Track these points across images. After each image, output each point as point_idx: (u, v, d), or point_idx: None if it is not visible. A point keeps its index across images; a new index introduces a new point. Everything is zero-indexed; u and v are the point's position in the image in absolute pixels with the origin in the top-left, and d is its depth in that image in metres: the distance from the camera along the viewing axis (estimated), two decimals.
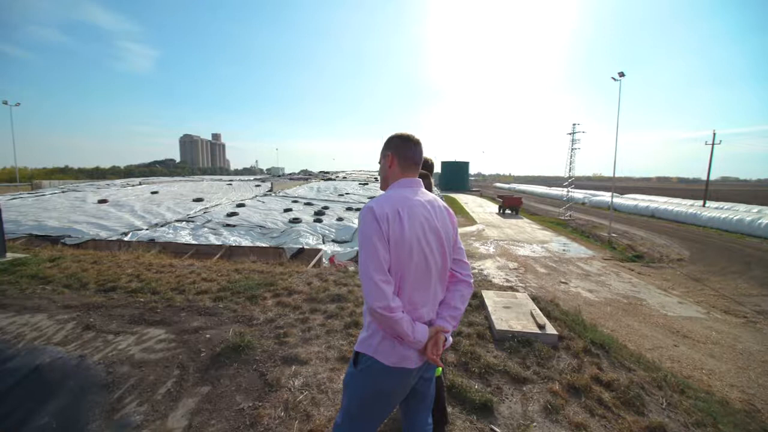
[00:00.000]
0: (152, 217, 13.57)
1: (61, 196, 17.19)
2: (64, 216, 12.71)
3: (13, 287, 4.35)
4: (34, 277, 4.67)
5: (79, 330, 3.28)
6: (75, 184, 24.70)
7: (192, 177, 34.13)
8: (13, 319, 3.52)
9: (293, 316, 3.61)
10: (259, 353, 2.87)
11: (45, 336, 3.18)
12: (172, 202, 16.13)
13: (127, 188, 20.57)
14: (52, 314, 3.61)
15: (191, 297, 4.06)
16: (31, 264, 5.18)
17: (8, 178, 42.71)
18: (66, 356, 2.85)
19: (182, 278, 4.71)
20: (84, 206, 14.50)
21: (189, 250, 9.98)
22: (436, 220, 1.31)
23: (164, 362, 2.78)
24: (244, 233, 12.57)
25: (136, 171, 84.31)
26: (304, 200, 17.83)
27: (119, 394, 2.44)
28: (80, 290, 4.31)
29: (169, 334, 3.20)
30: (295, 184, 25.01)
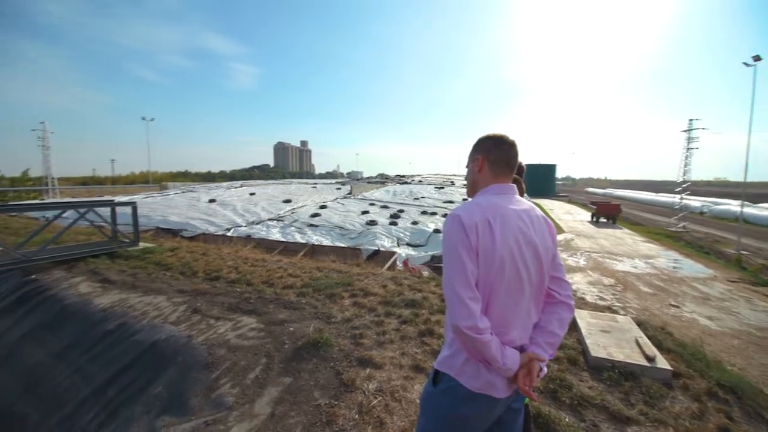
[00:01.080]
0: (250, 215, 15.22)
1: (181, 196, 20.35)
2: (182, 213, 14.99)
3: (142, 271, 5.23)
4: (158, 264, 5.55)
5: (188, 313, 3.78)
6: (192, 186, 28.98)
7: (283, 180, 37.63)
8: (141, 299, 4.22)
9: (368, 318, 3.66)
10: (336, 351, 2.96)
11: (163, 315, 3.74)
12: (266, 202, 17.92)
13: (231, 190, 23.43)
14: (169, 297, 4.23)
15: (278, 291, 4.39)
16: (157, 252, 6.17)
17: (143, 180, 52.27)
18: (178, 335, 3.30)
19: (272, 272, 5.14)
20: (198, 205, 16.92)
21: (278, 246, 10.93)
22: (533, 232, 1.16)
23: (254, 350, 3.03)
24: (325, 233, 13.34)
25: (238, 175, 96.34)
26: (380, 203, 18.26)
27: (216, 375, 2.72)
28: (191, 277, 4.98)
29: (259, 323, 3.49)
30: (373, 187, 25.77)
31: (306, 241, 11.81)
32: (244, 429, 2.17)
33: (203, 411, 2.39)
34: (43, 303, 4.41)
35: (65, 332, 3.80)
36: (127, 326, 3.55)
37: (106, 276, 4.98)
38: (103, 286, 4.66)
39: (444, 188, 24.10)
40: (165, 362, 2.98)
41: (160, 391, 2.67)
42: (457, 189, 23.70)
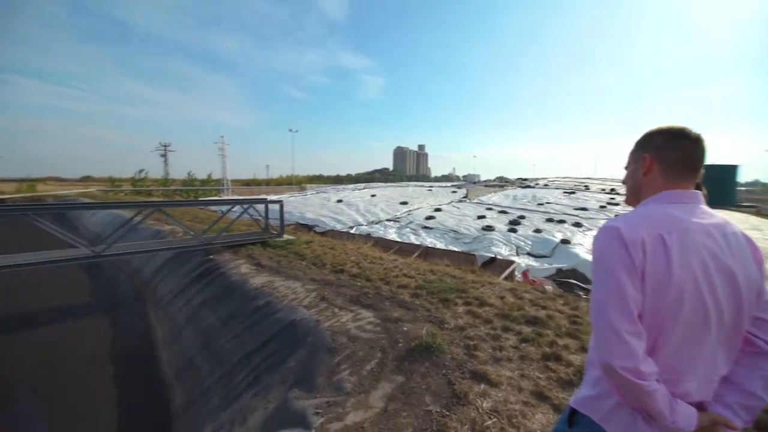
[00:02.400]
0: (370, 215, 16.34)
1: (315, 196, 23.22)
2: (316, 211, 17.08)
3: (284, 259, 6.13)
4: (296, 254, 6.43)
5: (317, 299, 4.25)
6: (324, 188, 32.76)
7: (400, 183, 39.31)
8: (283, 283, 4.93)
9: (483, 330, 3.45)
10: (448, 359, 2.88)
11: (298, 299, 4.29)
12: (384, 204, 18.98)
13: (355, 191, 25.58)
14: (304, 284, 4.84)
15: (394, 289, 4.55)
16: (296, 244, 7.15)
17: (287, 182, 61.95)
18: (309, 318, 3.73)
19: (389, 271, 5.37)
20: (328, 204, 19.04)
21: (394, 246, 11.41)
22: (729, 256, 0.87)
23: (371, 343, 3.20)
24: (439, 236, 13.32)
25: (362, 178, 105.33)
26: (498, 208, 17.23)
27: (338, 360, 2.97)
28: (321, 268, 5.60)
29: (376, 318, 3.68)
30: (490, 191, 24.55)
31: (420, 243, 11.98)
32: (359, 417, 2.29)
33: (325, 391, 2.63)
34: (217, 278, 5.60)
35: (229, 304, 4.74)
36: (272, 305, 4.21)
37: (259, 261, 6.02)
38: (257, 269, 5.65)
39: (575, 193, 21.26)
40: (298, 341, 3.41)
41: (293, 366, 3.07)
42: (592, 194, 20.62)
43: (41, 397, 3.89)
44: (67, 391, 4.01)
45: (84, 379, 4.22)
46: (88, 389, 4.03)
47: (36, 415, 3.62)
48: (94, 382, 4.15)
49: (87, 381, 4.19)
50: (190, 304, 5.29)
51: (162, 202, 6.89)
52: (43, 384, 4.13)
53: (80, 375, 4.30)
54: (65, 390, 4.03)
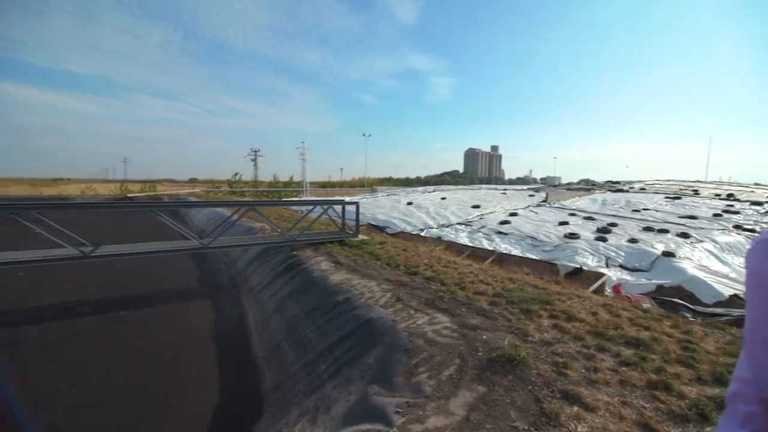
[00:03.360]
0: (440, 218, 16.15)
1: (386, 198, 23.71)
2: (387, 212, 17.43)
3: (360, 259, 6.36)
4: (371, 254, 6.63)
5: (393, 300, 4.33)
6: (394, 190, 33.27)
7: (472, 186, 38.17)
8: (360, 281, 5.12)
9: (574, 347, 3.17)
10: (534, 375, 2.70)
11: (374, 298, 4.42)
12: (455, 207, 18.60)
13: (425, 194, 25.50)
14: (379, 283, 4.97)
15: (470, 295, 4.43)
16: (370, 244, 7.38)
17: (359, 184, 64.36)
18: (385, 317, 3.82)
19: (464, 276, 5.25)
20: (398, 206, 19.29)
21: (466, 250, 11.10)
22: None
23: (448, 348, 3.15)
24: (514, 242, 12.61)
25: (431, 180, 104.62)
26: (583, 214, 15.71)
27: (415, 362, 2.98)
28: (395, 269, 5.70)
29: (452, 323, 3.62)
30: (573, 194, 22.48)
31: (493, 249, 11.47)
32: (440, 422, 2.27)
33: (404, 391, 2.66)
34: (300, 273, 6.04)
35: (312, 297, 5.08)
36: (350, 301, 4.40)
37: (337, 259, 6.35)
38: (335, 266, 5.97)
39: (680, 198, 18.44)
40: (375, 338, 3.51)
41: (372, 362, 3.16)
42: (703, 200, 17.70)
43: (162, 366, 4.60)
44: (180, 361, 4.68)
45: (192, 353, 4.89)
46: (196, 362, 4.66)
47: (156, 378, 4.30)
48: (201, 356, 4.78)
49: (195, 354, 4.85)
50: (278, 295, 5.79)
51: (256, 202, 7.68)
52: (164, 354, 4.88)
53: (190, 349, 4.99)
54: (178, 361, 4.71)
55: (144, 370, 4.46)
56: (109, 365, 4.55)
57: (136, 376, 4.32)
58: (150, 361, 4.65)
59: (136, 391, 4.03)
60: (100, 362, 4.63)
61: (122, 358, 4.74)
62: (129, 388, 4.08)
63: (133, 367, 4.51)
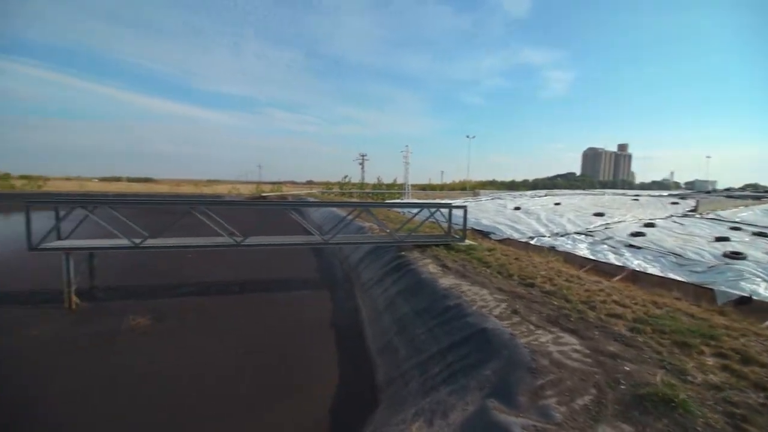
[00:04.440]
0: (554, 226, 14.66)
1: (490, 202, 22.66)
2: (491, 217, 16.62)
3: (469, 264, 6.20)
4: (479, 260, 6.40)
5: (509, 312, 4.08)
6: (498, 194, 31.59)
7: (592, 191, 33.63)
8: (470, 288, 4.98)
9: (755, 397, 2.49)
10: (700, 424, 2.21)
11: (488, 307, 4.24)
12: (572, 214, 16.64)
13: (535, 198, 23.55)
14: (491, 292, 4.76)
15: (603, 317, 3.89)
16: (478, 250, 7.13)
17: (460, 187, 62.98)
18: (502, 329, 3.63)
19: (591, 294, 4.64)
20: (504, 211, 18.22)
21: (586, 264, 9.81)
22: None
23: (580, 374, 2.82)
24: (651, 258, 10.62)
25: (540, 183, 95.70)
26: (752, 228, 12.37)
27: (541, 383, 2.74)
28: (507, 279, 5.38)
29: (582, 347, 3.23)
30: (735, 204, 17.88)
31: (623, 264, 9.88)
32: None
33: (530, 413, 2.47)
34: (408, 273, 6.19)
35: (421, 298, 5.15)
36: (461, 308, 4.32)
37: (444, 263, 6.32)
38: (443, 270, 5.94)
39: None
40: (492, 350, 3.36)
41: (489, 375, 3.03)
42: None
43: (291, 345, 5.25)
44: (306, 344, 5.27)
45: (315, 337, 5.46)
46: (318, 346, 5.18)
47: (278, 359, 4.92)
48: (322, 341, 5.30)
49: (317, 339, 5.40)
50: (388, 293, 6.05)
51: (371, 204, 8.17)
52: (292, 334, 5.57)
53: (313, 333, 5.59)
54: (304, 343, 5.30)
55: (276, 346, 5.16)
56: (249, 337, 5.41)
57: (270, 351, 5.03)
58: (281, 340, 5.36)
59: (268, 365, 4.68)
60: (244, 333, 5.53)
61: (260, 332, 5.59)
62: (264, 361, 4.77)
63: (268, 342, 5.26)
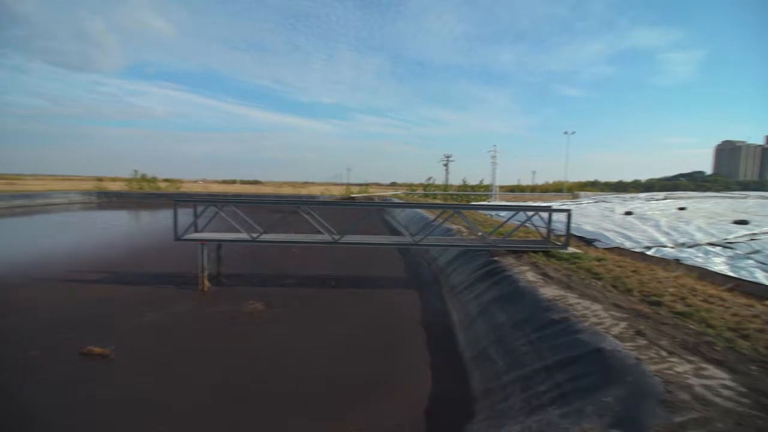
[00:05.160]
0: (678, 234, 12.46)
1: (593, 205, 20.28)
2: (595, 223, 14.84)
3: (575, 275, 5.63)
4: (588, 271, 5.76)
5: (631, 332, 3.58)
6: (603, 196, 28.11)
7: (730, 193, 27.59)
8: (578, 301, 4.52)
9: None
10: None
11: (603, 325, 3.78)
12: (703, 221, 13.94)
13: (651, 202, 20.38)
14: (606, 308, 4.24)
15: (761, 350, 3.16)
16: (585, 259, 6.43)
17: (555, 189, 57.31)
18: (623, 352, 3.20)
19: (742, 319, 3.81)
20: (612, 216, 16.12)
21: (727, 282, 8.11)
22: None
23: (734, 415, 2.33)
24: None
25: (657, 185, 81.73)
26: None
27: (680, 421, 2.34)
28: (625, 294, 4.73)
29: (736, 384, 2.66)
30: None
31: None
32: None
33: None
34: (503, 280, 5.89)
35: (519, 308, 4.85)
36: (570, 322, 3.94)
37: (544, 271, 5.85)
38: (544, 279, 5.51)
39: None
40: (612, 374, 2.99)
41: (611, 402, 2.70)
42: None
43: (384, 341, 5.43)
44: (398, 342, 5.40)
45: (406, 336, 5.56)
46: (410, 346, 5.27)
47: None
48: (413, 341, 5.37)
49: (408, 338, 5.49)
50: (481, 299, 5.85)
51: (459, 206, 8.01)
52: (385, 331, 5.76)
53: (404, 331, 5.70)
54: (394, 342, 5.44)
55: (370, 340, 5.40)
56: (345, 328, 5.77)
57: (364, 344, 5.28)
58: (374, 334, 5.59)
59: (363, 357, 4.91)
60: (340, 325, 5.92)
61: (355, 325, 5.91)
62: (360, 353, 5.03)
63: (362, 335, 5.53)
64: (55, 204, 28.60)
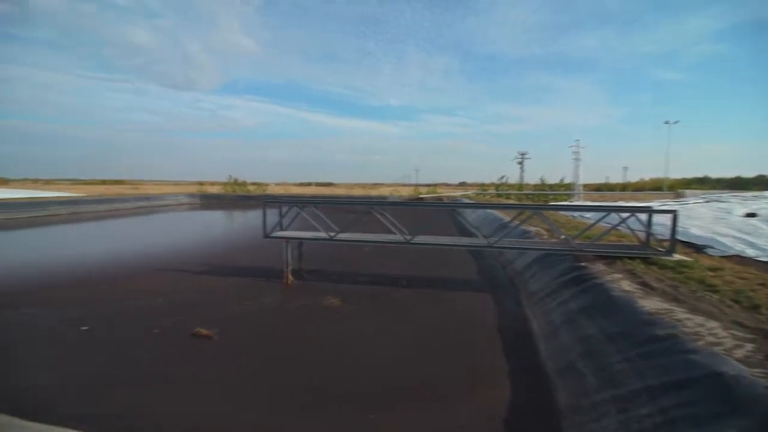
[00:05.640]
0: None
1: (702, 206, 17.38)
2: (706, 226, 12.69)
3: (683, 286, 4.91)
4: (699, 282, 4.98)
5: (760, 356, 3.03)
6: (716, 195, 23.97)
7: None
8: (688, 316, 3.94)
9: None
10: None
11: (723, 346, 3.25)
12: None
13: None
14: (725, 326, 3.63)
15: None
16: (694, 268, 5.57)
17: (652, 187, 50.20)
18: (750, 378, 2.72)
19: None
20: (728, 219, 13.64)
21: None
22: None
23: None
24: None
25: None
26: None
27: None
28: (751, 311, 4.00)
29: None
30: None
31: None
32: None
33: None
34: (593, 288, 5.39)
35: (614, 320, 4.40)
36: (678, 340, 3.46)
37: (644, 280, 5.21)
38: (643, 289, 4.91)
39: None
40: (736, 403, 2.56)
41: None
42: None
43: (458, 344, 5.37)
44: (471, 347, 5.28)
45: (481, 339, 5.41)
46: (486, 350, 5.12)
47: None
48: (490, 346, 5.21)
49: (484, 341, 5.34)
50: (565, 307, 5.43)
51: (540, 206, 7.54)
52: (459, 333, 5.69)
53: (478, 334, 5.56)
54: (469, 346, 5.33)
55: (444, 343, 5.37)
56: (418, 329, 5.81)
57: (439, 346, 5.26)
58: (448, 337, 5.55)
59: (437, 360, 4.89)
60: (413, 325, 5.99)
61: (428, 326, 5.93)
62: (434, 355, 5.03)
63: (436, 337, 5.52)
64: (168, 205, 33.64)
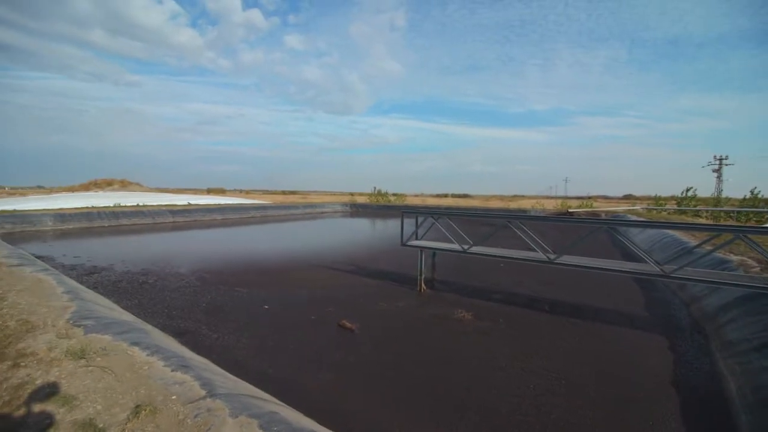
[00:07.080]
0: None
1: None
2: None
3: None
4: None
5: None
6: None
7: None
8: None
9: None
10: None
11: None
12: None
13: None
14: None
15: None
16: None
17: None
18: None
19: None
20: None
21: None
22: None
23: None
24: None
25: None
26: None
27: None
28: None
29: None
30: None
31: None
32: None
33: None
34: None
35: None
36: None
37: None
38: None
39: None
40: None
41: None
42: None
43: (608, 392, 4.50)
44: (629, 402, 4.34)
45: (640, 391, 4.39)
46: (648, 406, 4.12)
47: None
48: (655, 402, 4.18)
49: (645, 394, 4.31)
50: None
51: (748, 228, 5.65)
52: (608, 377, 4.77)
53: (636, 383, 4.52)
54: (627, 399, 4.39)
55: (592, 387, 4.57)
56: (556, 363, 5.11)
57: (584, 390, 4.49)
58: (597, 380, 4.69)
59: (579, 410, 4.15)
60: (550, 356, 5.30)
61: (570, 363, 5.15)
62: (575, 403, 4.31)
63: (580, 379, 4.74)
64: (326, 212, 39.65)
